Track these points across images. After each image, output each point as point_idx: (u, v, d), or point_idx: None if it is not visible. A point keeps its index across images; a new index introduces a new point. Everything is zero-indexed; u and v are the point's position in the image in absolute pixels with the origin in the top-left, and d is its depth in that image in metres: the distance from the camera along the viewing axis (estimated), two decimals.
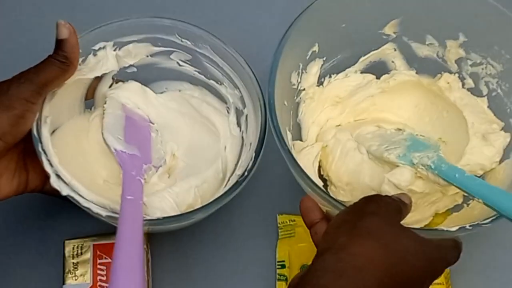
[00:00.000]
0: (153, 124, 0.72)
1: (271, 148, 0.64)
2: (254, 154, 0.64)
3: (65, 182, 0.60)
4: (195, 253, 0.71)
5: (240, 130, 0.70)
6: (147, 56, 0.71)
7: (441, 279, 0.64)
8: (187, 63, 0.72)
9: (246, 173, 0.64)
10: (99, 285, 0.66)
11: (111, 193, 0.66)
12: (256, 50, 0.71)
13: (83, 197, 0.61)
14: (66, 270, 0.67)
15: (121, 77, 0.72)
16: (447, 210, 0.69)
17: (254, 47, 0.73)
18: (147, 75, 0.73)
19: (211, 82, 0.72)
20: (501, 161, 0.68)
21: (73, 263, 0.67)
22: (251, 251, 0.71)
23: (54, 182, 0.60)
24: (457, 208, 0.69)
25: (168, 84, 0.74)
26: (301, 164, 0.66)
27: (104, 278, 0.66)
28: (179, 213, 0.65)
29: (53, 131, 0.66)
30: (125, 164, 0.67)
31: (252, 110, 0.66)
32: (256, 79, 0.67)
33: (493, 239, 0.70)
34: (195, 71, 0.72)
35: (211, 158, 0.70)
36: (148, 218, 0.61)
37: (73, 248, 0.68)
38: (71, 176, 0.62)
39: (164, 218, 0.62)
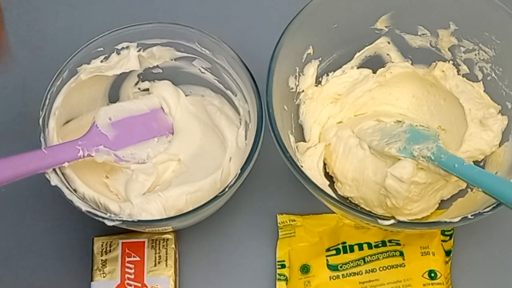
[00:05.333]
0: (171, 134, 0.73)
1: (270, 148, 0.64)
2: (239, 171, 0.63)
3: (56, 173, 0.62)
4: (194, 253, 0.71)
5: (246, 144, 0.69)
6: (171, 60, 0.72)
7: (441, 279, 0.65)
8: (207, 71, 0.72)
9: (226, 189, 0.62)
10: (127, 283, 0.66)
11: (105, 187, 0.69)
12: (256, 58, 0.70)
13: (70, 189, 0.63)
14: (95, 267, 0.67)
15: (147, 77, 0.74)
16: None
17: (254, 55, 0.71)
18: (172, 77, 0.74)
19: (228, 92, 0.72)
20: (500, 144, 0.69)
21: (101, 260, 0.67)
22: (251, 251, 0.71)
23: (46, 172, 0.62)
24: (461, 193, 0.70)
25: (193, 88, 0.75)
26: (305, 165, 0.69)
27: (132, 277, 0.66)
28: (164, 217, 0.65)
29: (68, 122, 0.69)
30: (86, 135, 0.67)
31: (254, 125, 0.66)
32: (259, 95, 0.66)
33: (493, 239, 0.70)
34: (215, 79, 0.73)
35: (212, 167, 0.70)
36: (122, 219, 0.62)
37: (102, 245, 0.68)
38: (70, 167, 0.64)
39: (140, 221, 0.63)
